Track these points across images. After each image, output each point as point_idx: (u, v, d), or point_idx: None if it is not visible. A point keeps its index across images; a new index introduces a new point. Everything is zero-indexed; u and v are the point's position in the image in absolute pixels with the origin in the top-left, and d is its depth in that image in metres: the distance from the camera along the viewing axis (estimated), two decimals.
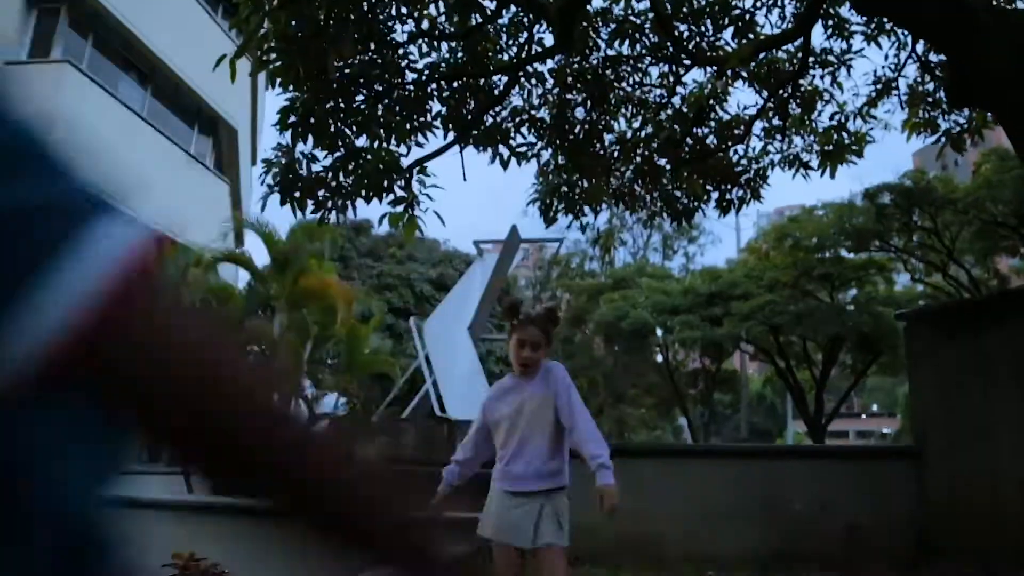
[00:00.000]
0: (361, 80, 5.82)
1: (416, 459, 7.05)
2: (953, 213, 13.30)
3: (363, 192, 6.22)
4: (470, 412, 10.75)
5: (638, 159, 7.57)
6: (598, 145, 7.39)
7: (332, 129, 5.80)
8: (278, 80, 5.51)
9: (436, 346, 11.49)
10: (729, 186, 7.97)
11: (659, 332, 21.23)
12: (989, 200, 12.33)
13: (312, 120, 5.61)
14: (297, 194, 5.84)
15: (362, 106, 5.94)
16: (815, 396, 21.54)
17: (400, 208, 6.38)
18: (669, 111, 7.42)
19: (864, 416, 48.20)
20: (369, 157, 5.71)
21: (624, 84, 7.16)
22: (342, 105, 5.78)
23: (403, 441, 10.33)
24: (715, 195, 7.98)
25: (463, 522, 2.92)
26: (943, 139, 6.66)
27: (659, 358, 24.40)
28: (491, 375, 13.48)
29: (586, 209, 7.87)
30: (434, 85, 6.36)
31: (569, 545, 2.93)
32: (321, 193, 6.00)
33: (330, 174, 5.98)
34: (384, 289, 19.29)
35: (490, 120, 6.85)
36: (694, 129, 7.30)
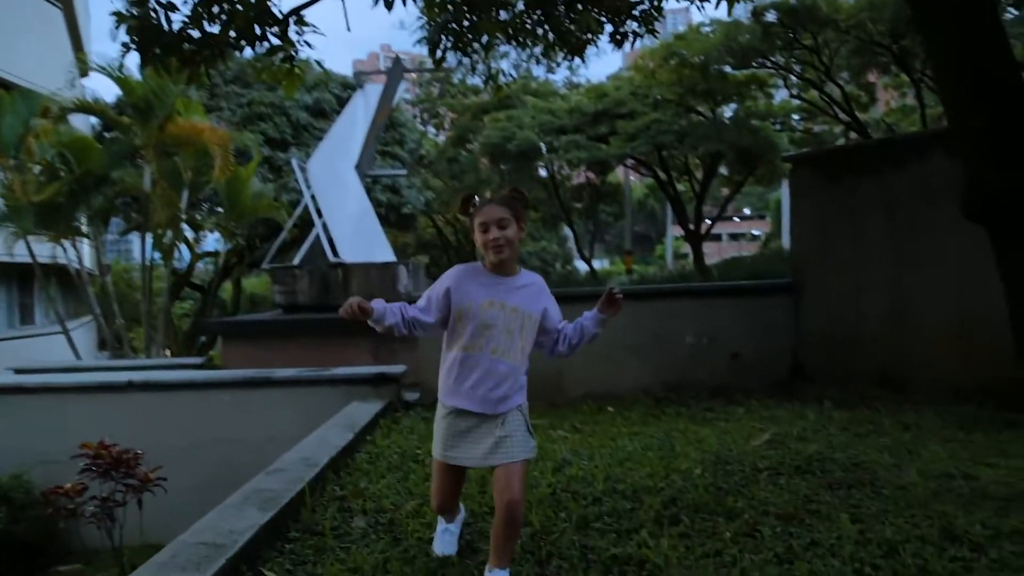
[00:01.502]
0: None
1: (312, 306, 6.94)
2: (834, 32, 13.48)
3: (233, 41, 5.59)
4: (363, 254, 10.65)
5: None
6: None
7: None
8: None
9: (322, 187, 11.03)
10: (623, 19, 7.71)
11: (545, 152, 21.22)
12: (869, 20, 12.51)
13: None
14: (159, 51, 5.16)
15: None
16: (695, 208, 22.58)
17: (277, 59, 5.82)
18: None
19: (737, 219, 51.12)
20: (239, 7, 5.07)
21: None
22: None
23: (298, 289, 10.16)
24: (609, 28, 7.73)
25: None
26: None
27: (544, 173, 24.60)
28: (376, 211, 13.18)
29: (476, 46, 7.47)
30: None
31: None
32: (187, 47, 5.33)
33: (193, 24, 5.29)
34: (257, 119, 18.00)
35: None
36: None
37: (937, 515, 2.95)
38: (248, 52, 5.85)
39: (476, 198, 2.63)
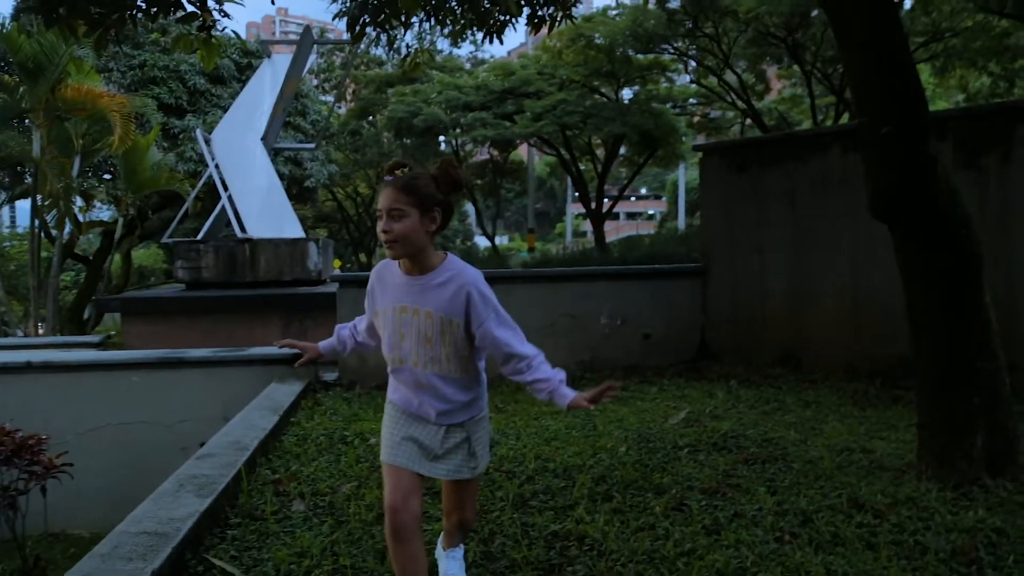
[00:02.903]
0: None
1: (218, 283, 6.76)
2: (733, 22, 14.06)
3: (146, 6, 5.32)
4: (271, 229, 10.39)
5: None
6: None
7: None
8: None
9: (228, 159, 10.63)
10: (541, 2, 7.80)
11: (452, 129, 21.16)
12: (767, 13, 13.12)
13: None
14: (63, 11, 4.85)
15: None
16: (597, 187, 23.11)
17: (193, 28, 5.58)
18: None
19: (633, 199, 52.54)
20: None
21: None
22: None
23: (202, 264, 9.82)
24: (527, 11, 7.81)
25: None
26: None
27: (447, 149, 24.52)
28: (282, 182, 12.84)
29: (394, 23, 7.39)
30: None
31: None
32: (94, 11, 5.03)
33: None
34: (149, 83, 17.03)
35: None
36: None
37: (843, 486, 3.26)
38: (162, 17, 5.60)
39: (398, 171, 2.12)
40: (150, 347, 7.69)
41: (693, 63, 17.70)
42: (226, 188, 10.36)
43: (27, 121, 10.44)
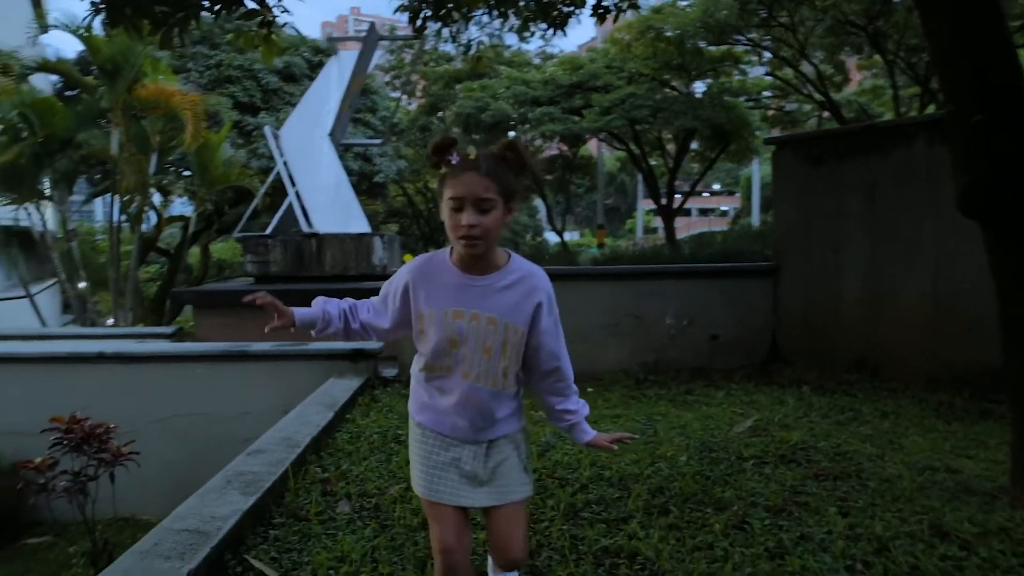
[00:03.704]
0: None
1: (286, 276, 6.80)
2: (810, 10, 13.47)
3: (208, 4, 5.37)
4: (338, 224, 10.47)
5: None
6: None
7: None
8: None
9: (296, 155, 10.77)
10: None
11: (519, 124, 21.04)
12: (846, 0, 12.52)
13: None
14: (130, 13, 4.94)
15: None
16: (667, 183, 22.61)
17: (254, 24, 5.61)
18: None
19: (706, 195, 51.45)
20: None
21: None
22: None
23: (271, 259, 9.97)
24: (592, 1, 7.62)
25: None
26: None
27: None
28: (350, 177, 12.97)
29: (456, 16, 7.31)
30: None
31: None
32: (158, 10, 5.11)
33: None
34: (225, 82, 17.51)
35: None
36: None
37: (924, 510, 2.98)
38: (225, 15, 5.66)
39: (455, 152, 1.82)
40: (220, 339, 7.82)
41: (768, 54, 17.08)
42: (294, 184, 10.50)
43: (107, 120, 10.82)
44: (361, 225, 10.81)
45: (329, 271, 9.91)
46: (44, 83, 13.54)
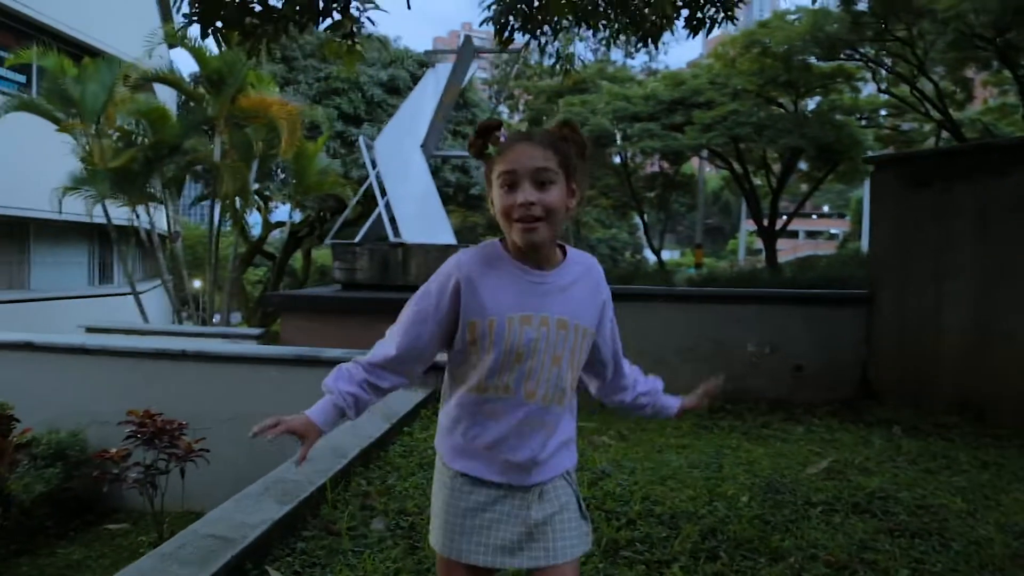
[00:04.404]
0: None
1: (371, 284, 6.84)
2: (931, 23, 12.62)
3: (296, 17, 5.50)
4: (424, 235, 10.58)
5: None
6: None
7: None
8: None
9: (388, 165, 10.98)
10: (702, 3, 7.34)
11: (619, 139, 20.80)
12: (972, 11, 11.64)
13: None
14: (220, 24, 5.10)
15: None
16: (771, 203, 21.78)
17: (338, 36, 5.70)
18: None
19: (815, 217, 49.42)
20: None
21: None
22: None
23: (357, 266, 10.16)
24: (685, 13, 7.37)
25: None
26: None
27: (617, 159, 24.16)
28: (444, 191, 13.11)
29: (545, 28, 7.23)
30: None
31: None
32: (248, 21, 5.25)
33: None
34: (332, 94, 18.15)
35: None
36: None
37: None
38: (311, 27, 5.78)
39: (502, 130, 1.57)
40: (304, 342, 8.01)
41: (883, 70, 16.15)
42: (384, 193, 10.69)
43: (211, 129, 11.39)
44: (447, 236, 10.88)
45: (414, 280, 10.01)
46: (171, 97, 14.43)
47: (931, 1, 12.16)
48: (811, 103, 19.02)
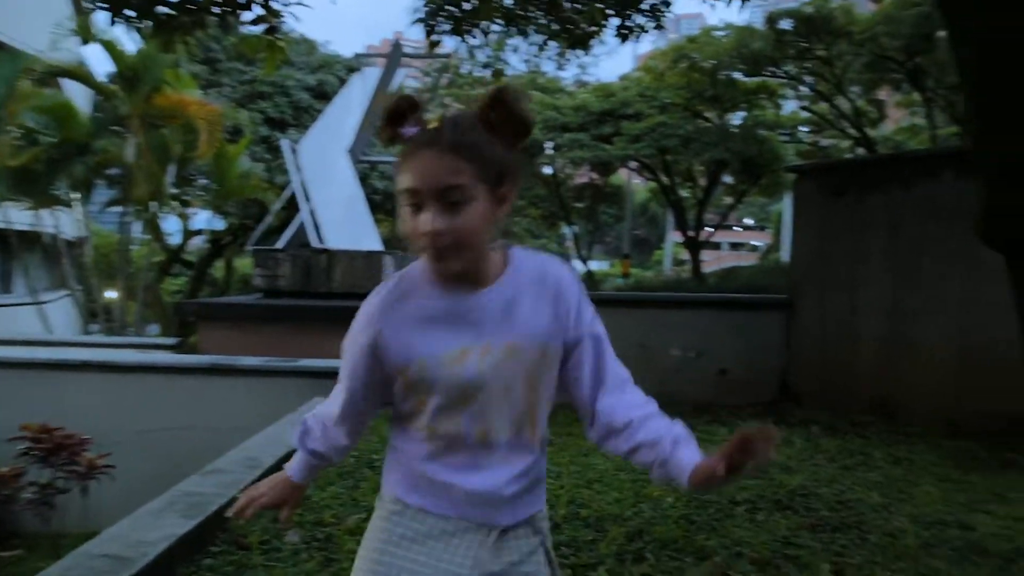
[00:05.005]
0: None
1: (294, 292, 6.61)
2: (848, 44, 13.16)
3: (215, 7, 5.29)
4: (350, 241, 10.35)
5: None
6: None
7: None
8: None
9: (312, 170, 10.72)
10: (631, 12, 7.43)
11: (549, 150, 20.96)
12: (885, 35, 12.19)
13: None
14: (131, 13, 4.86)
15: None
16: (696, 215, 22.28)
17: (259, 29, 5.52)
18: None
19: (738, 229, 50.84)
20: None
21: None
22: None
23: (280, 273, 9.86)
24: (615, 21, 7.45)
25: None
26: None
27: (547, 170, 24.32)
28: (372, 198, 12.90)
29: (475, 31, 7.19)
30: None
31: None
32: (162, 10, 5.03)
33: None
34: (257, 98, 17.69)
35: None
36: None
37: (930, 572, 2.66)
38: (232, 21, 5.57)
39: (414, 121, 1.21)
40: (223, 352, 7.69)
41: (804, 88, 16.76)
42: (308, 198, 10.43)
43: (125, 128, 10.89)
44: (373, 243, 10.69)
45: (338, 288, 9.77)
46: (81, 93, 13.74)
47: (849, 23, 12.68)
48: (736, 118, 19.56)
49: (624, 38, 7.64)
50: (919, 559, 2.78)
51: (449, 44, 7.47)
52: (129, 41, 9.84)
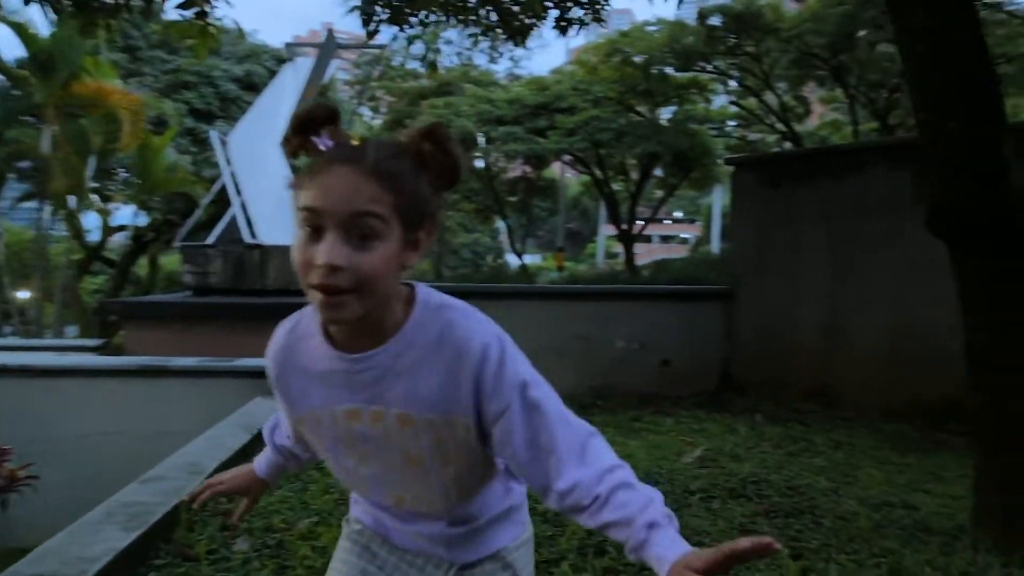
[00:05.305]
0: None
1: (226, 289, 6.38)
2: (776, 41, 13.52)
3: None
4: (283, 236, 10.06)
5: None
6: None
7: None
8: None
9: (243, 163, 10.38)
10: (570, 5, 7.43)
11: (482, 142, 20.88)
12: (811, 33, 12.58)
13: None
14: None
15: None
16: (629, 208, 22.59)
17: (189, 14, 5.27)
18: None
19: (668, 222, 51.81)
20: None
21: None
22: None
23: (210, 270, 9.52)
24: (554, 13, 7.44)
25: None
26: None
27: (480, 163, 24.26)
28: None
29: (412, 21, 7.06)
30: None
31: None
32: None
33: None
34: (181, 88, 17.02)
35: None
36: None
37: (882, 552, 2.72)
38: (159, 5, 5.32)
39: (329, 133, 1.04)
40: (152, 354, 7.37)
41: (733, 83, 17.16)
42: (239, 192, 10.10)
43: (39, 117, 10.30)
44: None
45: (272, 285, 9.50)
46: None
47: (777, 20, 13.03)
48: (667, 112, 19.89)
49: (563, 31, 7.63)
50: (872, 540, 2.85)
51: (385, 35, 7.32)
52: (43, 23, 9.26)
